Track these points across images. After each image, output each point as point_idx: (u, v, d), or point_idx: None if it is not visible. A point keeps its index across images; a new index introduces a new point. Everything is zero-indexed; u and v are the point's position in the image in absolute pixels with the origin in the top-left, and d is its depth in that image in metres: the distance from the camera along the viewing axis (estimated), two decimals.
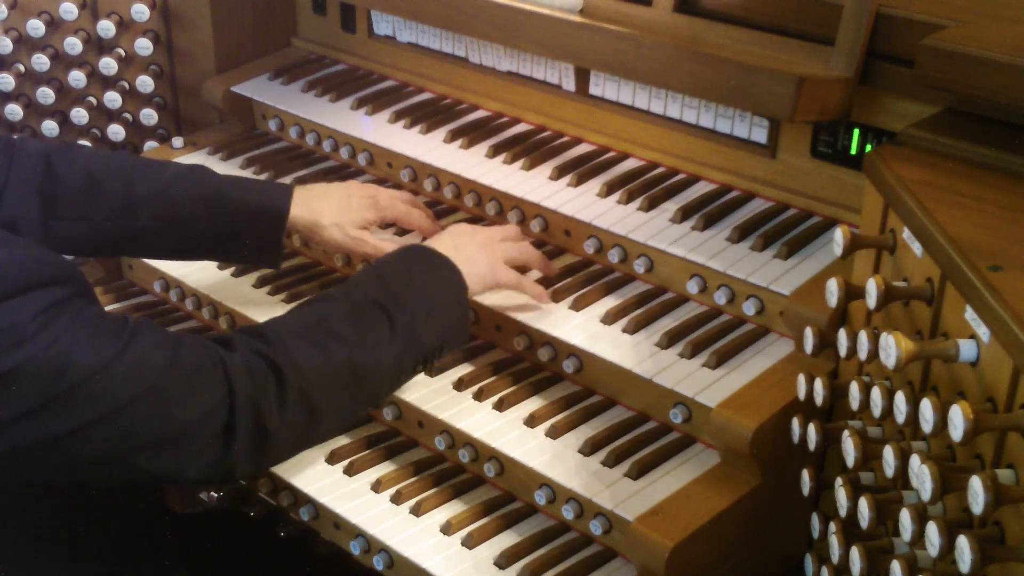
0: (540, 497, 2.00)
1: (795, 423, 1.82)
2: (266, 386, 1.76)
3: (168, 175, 2.30)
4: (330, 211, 2.30)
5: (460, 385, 2.17)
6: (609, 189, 2.35)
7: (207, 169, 2.35)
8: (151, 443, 1.69)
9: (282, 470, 2.13)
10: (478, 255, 2.12)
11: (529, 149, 2.53)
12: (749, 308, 2.09)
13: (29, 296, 1.59)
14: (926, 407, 1.42)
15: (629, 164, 2.46)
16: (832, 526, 1.71)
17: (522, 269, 2.25)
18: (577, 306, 2.19)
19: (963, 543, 1.34)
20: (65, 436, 1.63)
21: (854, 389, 1.65)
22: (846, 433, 1.62)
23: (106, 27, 2.89)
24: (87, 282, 1.77)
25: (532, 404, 2.13)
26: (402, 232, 2.46)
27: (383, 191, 2.41)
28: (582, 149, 2.53)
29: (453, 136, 2.60)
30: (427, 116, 2.69)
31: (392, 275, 2.00)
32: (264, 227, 2.27)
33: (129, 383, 1.65)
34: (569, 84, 2.50)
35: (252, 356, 1.77)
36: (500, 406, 2.12)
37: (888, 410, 1.56)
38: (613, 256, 2.25)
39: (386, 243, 2.33)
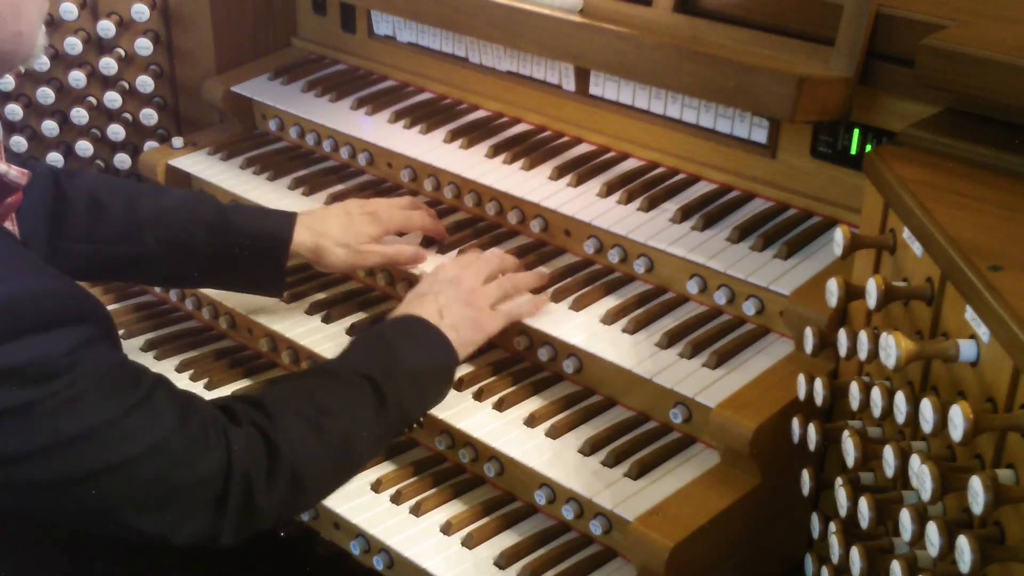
0: (540, 497, 2.00)
1: (795, 423, 1.82)
2: (260, 461, 1.76)
3: (171, 200, 2.31)
4: (333, 232, 2.30)
5: (460, 385, 2.16)
6: (609, 189, 2.35)
7: (209, 195, 2.37)
8: (146, 502, 1.69)
9: None
10: (462, 316, 2.11)
11: (529, 149, 2.53)
12: (749, 308, 2.09)
13: (57, 332, 1.57)
14: (926, 407, 1.42)
15: (629, 164, 2.46)
16: (832, 526, 1.71)
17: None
18: (577, 306, 2.19)
19: (963, 543, 1.34)
20: (67, 482, 1.62)
21: (854, 389, 1.65)
22: (846, 433, 1.62)
23: (106, 27, 2.89)
24: (114, 324, 1.77)
25: (532, 404, 2.13)
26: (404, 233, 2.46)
27: (381, 204, 2.40)
28: (582, 149, 2.53)
29: (453, 136, 2.60)
30: (427, 116, 2.69)
31: (383, 351, 2.00)
32: (267, 253, 2.28)
33: (139, 437, 1.64)
34: (569, 84, 2.50)
35: (252, 430, 1.78)
36: (500, 406, 2.12)
37: (888, 410, 1.56)
38: (613, 256, 2.25)
39: (390, 247, 2.33)
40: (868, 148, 2.13)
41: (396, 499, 2.08)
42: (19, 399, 1.54)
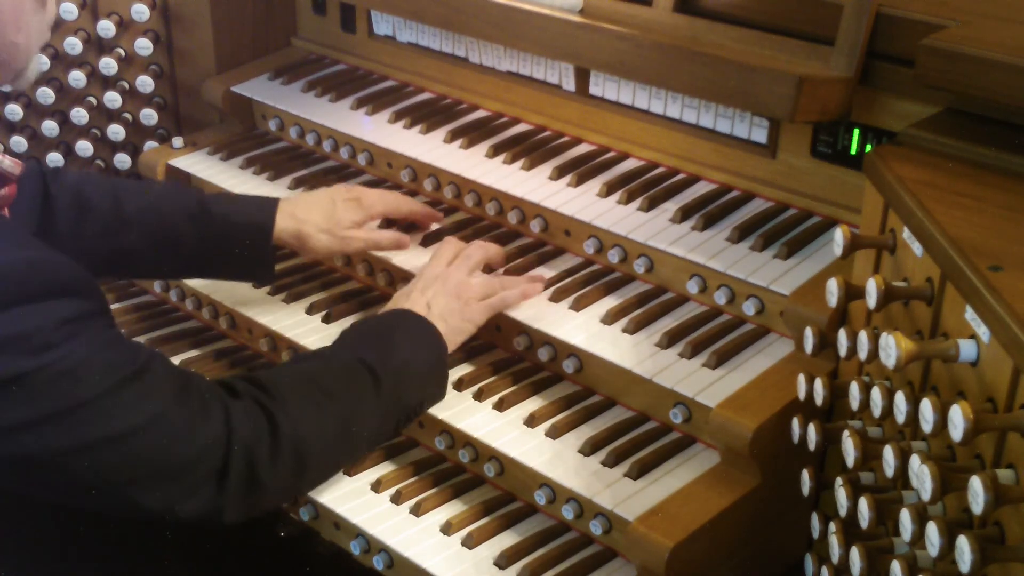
0: (540, 497, 2.00)
1: (795, 423, 1.82)
2: (262, 436, 1.77)
3: (153, 193, 2.32)
4: (316, 218, 2.32)
5: (460, 385, 2.17)
6: (609, 189, 2.35)
7: (191, 187, 2.37)
8: (147, 474, 1.69)
9: None
10: (449, 308, 2.12)
11: (529, 149, 2.53)
12: (749, 308, 2.09)
13: (53, 302, 1.58)
14: (926, 407, 1.42)
15: (629, 164, 2.46)
16: (832, 526, 1.71)
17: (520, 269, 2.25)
18: (577, 306, 2.19)
19: (963, 543, 1.34)
20: (64, 454, 1.62)
21: (854, 389, 1.65)
22: (846, 433, 1.62)
23: (106, 27, 2.89)
24: (107, 302, 1.77)
25: (532, 404, 2.13)
26: (388, 224, 2.46)
27: (367, 191, 2.42)
28: (582, 149, 2.53)
29: (453, 136, 2.60)
30: (427, 116, 2.69)
31: (376, 340, 2.01)
32: (251, 242, 2.29)
33: (135, 410, 1.65)
34: (569, 84, 2.50)
35: (253, 405, 1.79)
36: (500, 406, 2.12)
37: (888, 410, 1.56)
38: (613, 256, 2.25)
39: (375, 233, 2.35)
40: (868, 148, 2.13)
41: (396, 499, 2.08)
42: (10, 370, 1.55)
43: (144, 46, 2.88)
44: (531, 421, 2.08)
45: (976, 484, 1.33)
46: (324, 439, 1.88)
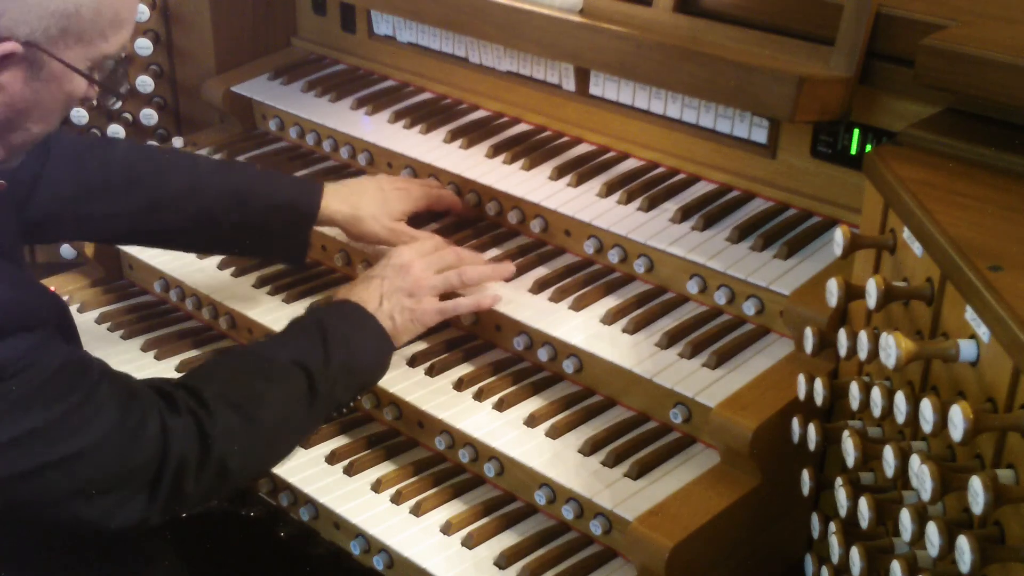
0: (540, 497, 2.00)
1: (795, 423, 1.82)
2: (194, 451, 1.80)
3: (201, 170, 2.35)
4: (368, 204, 2.35)
5: (460, 385, 2.17)
6: (609, 189, 2.35)
7: (238, 164, 2.39)
8: (86, 492, 1.72)
9: (282, 470, 2.13)
10: (401, 305, 2.12)
11: (529, 149, 2.53)
12: (749, 308, 2.09)
13: (14, 338, 1.61)
14: (926, 407, 1.42)
15: (629, 164, 2.46)
16: (832, 526, 1.71)
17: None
18: (577, 306, 2.19)
19: (963, 543, 1.34)
20: (11, 478, 1.65)
21: (854, 389, 1.65)
22: (846, 433, 1.62)
23: None
24: (67, 312, 1.81)
25: (532, 404, 2.13)
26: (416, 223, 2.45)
27: (414, 181, 2.46)
28: (582, 149, 2.53)
29: (453, 136, 2.60)
30: (427, 116, 2.69)
31: (320, 340, 2.01)
32: (293, 225, 2.32)
33: (80, 435, 1.69)
34: (569, 84, 2.49)
35: (189, 421, 1.81)
36: (500, 406, 2.12)
37: (888, 410, 1.56)
38: (613, 256, 2.25)
39: (422, 234, 2.36)
40: (868, 148, 2.13)
41: (396, 499, 2.08)
42: None
43: (144, 46, 2.88)
44: (531, 421, 2.08)
45: (976, 484, 1.33)
46: (252, 451, 1.91)
